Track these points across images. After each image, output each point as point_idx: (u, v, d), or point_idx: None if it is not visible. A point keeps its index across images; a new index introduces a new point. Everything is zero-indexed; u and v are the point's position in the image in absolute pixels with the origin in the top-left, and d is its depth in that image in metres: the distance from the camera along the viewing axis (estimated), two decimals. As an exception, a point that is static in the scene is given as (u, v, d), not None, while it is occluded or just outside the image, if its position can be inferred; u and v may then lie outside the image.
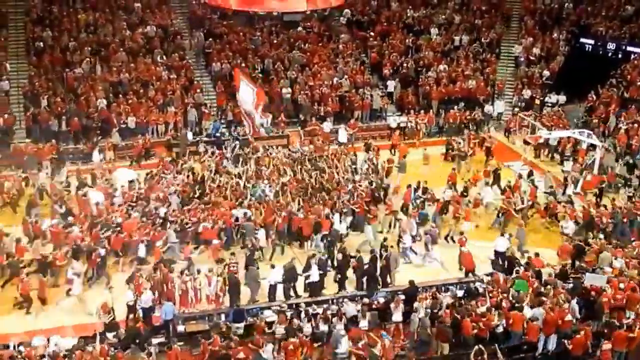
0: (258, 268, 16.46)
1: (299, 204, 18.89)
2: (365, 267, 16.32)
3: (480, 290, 15.60)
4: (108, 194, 19.46)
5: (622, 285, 15.18)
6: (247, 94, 22.99)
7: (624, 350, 13.77)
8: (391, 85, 28.12)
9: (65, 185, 20.61)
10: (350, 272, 16.45)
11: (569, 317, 14.16)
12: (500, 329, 14.22)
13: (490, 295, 15.02)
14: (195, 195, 19.37)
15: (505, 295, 15.04)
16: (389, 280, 16.53)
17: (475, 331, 13.92)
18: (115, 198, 19.32)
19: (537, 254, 16.79)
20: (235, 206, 18.74)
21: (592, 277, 15.32)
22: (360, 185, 19.86)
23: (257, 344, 13.61)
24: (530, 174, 22.20)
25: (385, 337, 13.84)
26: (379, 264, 16.41)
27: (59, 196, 19.38)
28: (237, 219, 18.27)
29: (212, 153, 22.38)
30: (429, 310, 14.45)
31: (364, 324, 14.78)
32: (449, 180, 21.00)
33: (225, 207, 18.61)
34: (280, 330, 14.31)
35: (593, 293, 15.14)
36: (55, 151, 22.90)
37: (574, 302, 14.74)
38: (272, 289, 15.91)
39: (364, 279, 16.20)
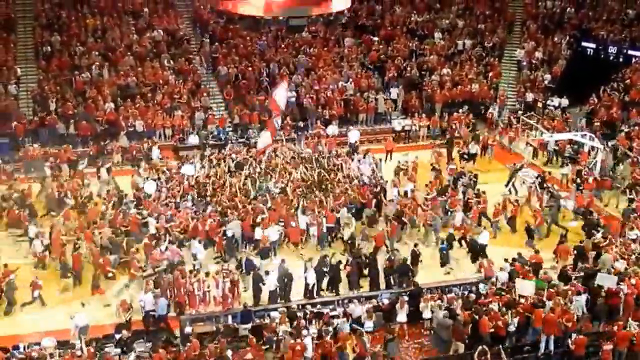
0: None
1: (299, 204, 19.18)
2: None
3: (483, 291, 15.85)
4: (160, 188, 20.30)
5: (633, 281, 15.52)
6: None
7: (624, 350, 14.02)
8: (394, 92, 28.31)
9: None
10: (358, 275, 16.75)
11: (575, 318, 14.44)
12: (512, 328, 14.52)
13: (503, 293, 15.35)
14: (208, 194, 19.72)
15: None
16: (392, 281, 16.79)
17: (492, 330, 14.19)
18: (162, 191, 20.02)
19: (537, 251, 17.28)
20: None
21: (602, 277, 15.54)
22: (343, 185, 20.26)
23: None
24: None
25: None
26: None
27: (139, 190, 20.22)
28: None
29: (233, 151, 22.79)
30: (446, 311, 14.74)
31: (369, 324, 15.02)
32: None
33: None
34: (283, 331, 14.53)
35: (603, 293, 15.36)
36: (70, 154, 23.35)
37: (582, 299, 15.05)
38: (272, 293, 16.07)
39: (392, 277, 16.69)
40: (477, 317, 14.35)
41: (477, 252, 17.87)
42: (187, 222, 18.30)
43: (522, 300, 15.07)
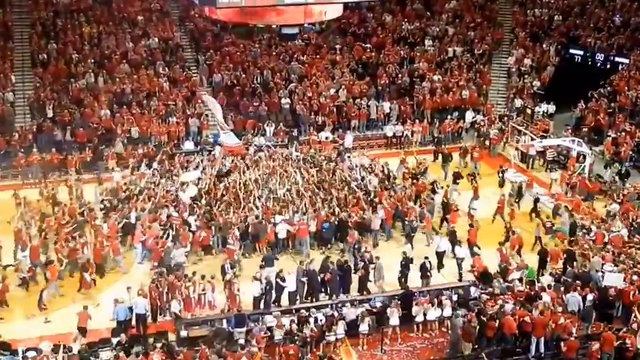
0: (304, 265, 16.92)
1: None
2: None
3: (474, 294, 16.21)
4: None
5: (635, 277, 16.03)
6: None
7: (612, 352, 14.35)
8: (387, 106, 28.48)
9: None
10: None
11: (562, 321, 14.67)
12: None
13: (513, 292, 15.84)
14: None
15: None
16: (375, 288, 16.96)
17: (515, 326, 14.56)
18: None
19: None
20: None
21: (610, 276, 15.92)
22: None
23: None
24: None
25: None
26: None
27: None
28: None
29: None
30: (459, 312, 15.08)
31: (364, 327, 15.30)
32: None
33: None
34: (277, 335, 14.79)
35: (613, 292, 15.73)
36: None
37: (578, 296, 15.46)
38: (256, 299, 16.19)
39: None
40: (484, 319, 14.68)
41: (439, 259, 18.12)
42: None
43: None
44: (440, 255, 18.12)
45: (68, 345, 14.25)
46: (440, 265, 18.01)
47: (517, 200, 21.85)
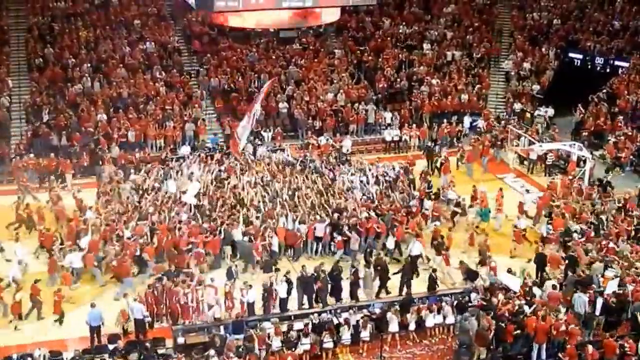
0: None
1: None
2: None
3: (474, 301, 16.03)
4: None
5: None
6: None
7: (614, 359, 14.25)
8: (388, 116, 28.24)
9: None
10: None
11: (563, 328, 14.55)
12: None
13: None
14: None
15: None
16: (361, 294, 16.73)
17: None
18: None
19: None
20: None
21: (610, 284, 15.93)
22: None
23: None
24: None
25: None
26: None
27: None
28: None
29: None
30: (472, 316, 14.91)
31: (365, 334, 15.14)
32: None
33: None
34: (276, 342, 14.65)
35: (614, 299, 15.68)
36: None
37: (585, 297, 15.39)
38: (250, 306, 16.03)
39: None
40: (501, 324, 14.61)
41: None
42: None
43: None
44: (414, 260, 17.76)
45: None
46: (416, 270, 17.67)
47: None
